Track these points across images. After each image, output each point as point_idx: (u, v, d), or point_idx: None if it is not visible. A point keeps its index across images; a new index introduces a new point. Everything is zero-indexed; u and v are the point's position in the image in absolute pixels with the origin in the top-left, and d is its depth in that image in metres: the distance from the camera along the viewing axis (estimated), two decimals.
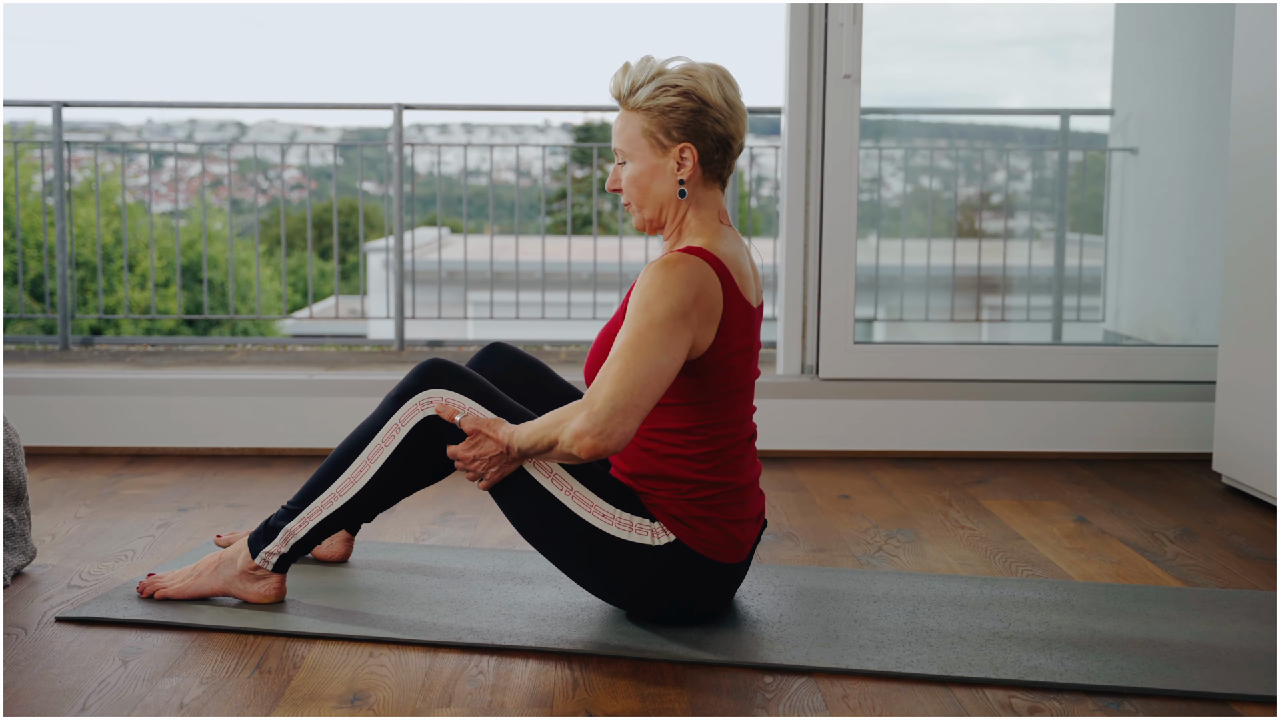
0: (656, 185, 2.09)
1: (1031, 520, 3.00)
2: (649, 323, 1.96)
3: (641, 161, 2.09)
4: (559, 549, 2.12)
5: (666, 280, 1.99)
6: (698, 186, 2.10)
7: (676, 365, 1.98)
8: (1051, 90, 6.92)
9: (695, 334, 2.00)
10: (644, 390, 1.94)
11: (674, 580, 2.10)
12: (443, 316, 5.86)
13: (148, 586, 2.26)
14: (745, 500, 2.14)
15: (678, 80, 2.05)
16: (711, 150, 2.08)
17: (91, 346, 5.06)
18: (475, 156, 15.69)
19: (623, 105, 2.10)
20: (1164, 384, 3.73)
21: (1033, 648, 2.09)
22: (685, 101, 2.05)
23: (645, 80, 2.06)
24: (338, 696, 1.88)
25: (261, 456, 3.64)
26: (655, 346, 1.95)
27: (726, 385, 2.09)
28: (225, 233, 13.37)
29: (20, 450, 2.45)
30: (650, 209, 2.11)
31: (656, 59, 2.09)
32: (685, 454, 2.09)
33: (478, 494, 3.13)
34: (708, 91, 2.05)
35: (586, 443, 1.94)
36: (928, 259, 5.67)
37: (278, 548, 2.19)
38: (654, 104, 2.05)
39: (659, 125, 2.06)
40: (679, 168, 2.08)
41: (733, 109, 2.07)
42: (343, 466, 2.15)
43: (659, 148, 2.08)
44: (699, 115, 2.05)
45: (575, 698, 1.89)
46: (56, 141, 5.10)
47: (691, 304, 1.98)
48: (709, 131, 2.06)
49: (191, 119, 22.41)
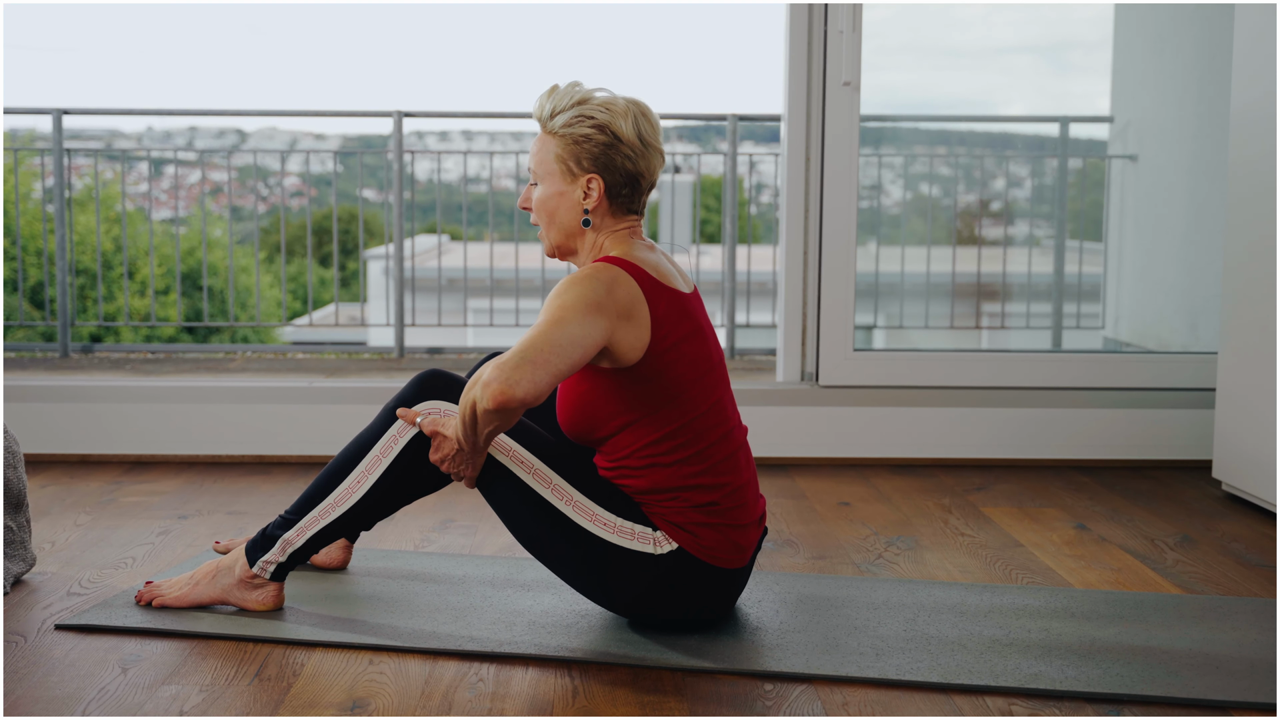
0: (562, 211, 2.12)
1: (1031, 527, 3.00)
2: (561, 304, 1.98)
3: (550, 185, 2.12)
4: (559, 558, 2.12)
5: (574, 279, 2.02)
6: (605, 216, 2.12)
7: (591, 343, 1.97)
8: (1051, 97, 6.93)
9: (613, 331, 2.00)
10: (556, 350, 1.93)
11: (676, 587, 2.10)
12: (443, 324, 5.87)
13: (146, 595, 2.26)
14: (745, 502, 2.14)
15: (595, 112, 2.07)
16: (619, 184, 2.10)
17: (91, 354, 5.05)
18: (475, 164, 15.70)
19: (542, 127, 2.13)
20: (1164, 391, 3.73)
21: (1033, 655, 2.08)
22: (598, 134, 2.07)
23: (566, 107, 2.09)
24: (337, 704, 1.87)
25: (261, 464, 3.64)
26: (569, 322, 1.96)
27: (687, 375, 2.08)
28: (225, 240, 13.37)
29: (20, 457, 2.45)
30: (556, 234, 2.14)
31: (584, 87, 2.11)
32: (670, 461, 2.08)
33: (478, 501, 3.13)
34: (621, 128, 2.08)
35: (493, 389, 1.91)
36: (927, 266, 5.67)
37: (275, 556, 2.19)
38: (569, 132, 2.08)
39: (571, 153, 2.09)
40: (585, 197, 2.10)
41: (645, 146, 2.10)
42: (341, 477, 2.15)
43: (568, 174, 2.10)
44: (610, 149, 2.08)
45: (575, 705, 1.88)
46: (56, 149, 5.10)
47: (604, 296, 1.99)
48: (618, 166, 2.09)
49: (192, 126, 22.41)
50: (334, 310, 12.47)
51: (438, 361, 4.92)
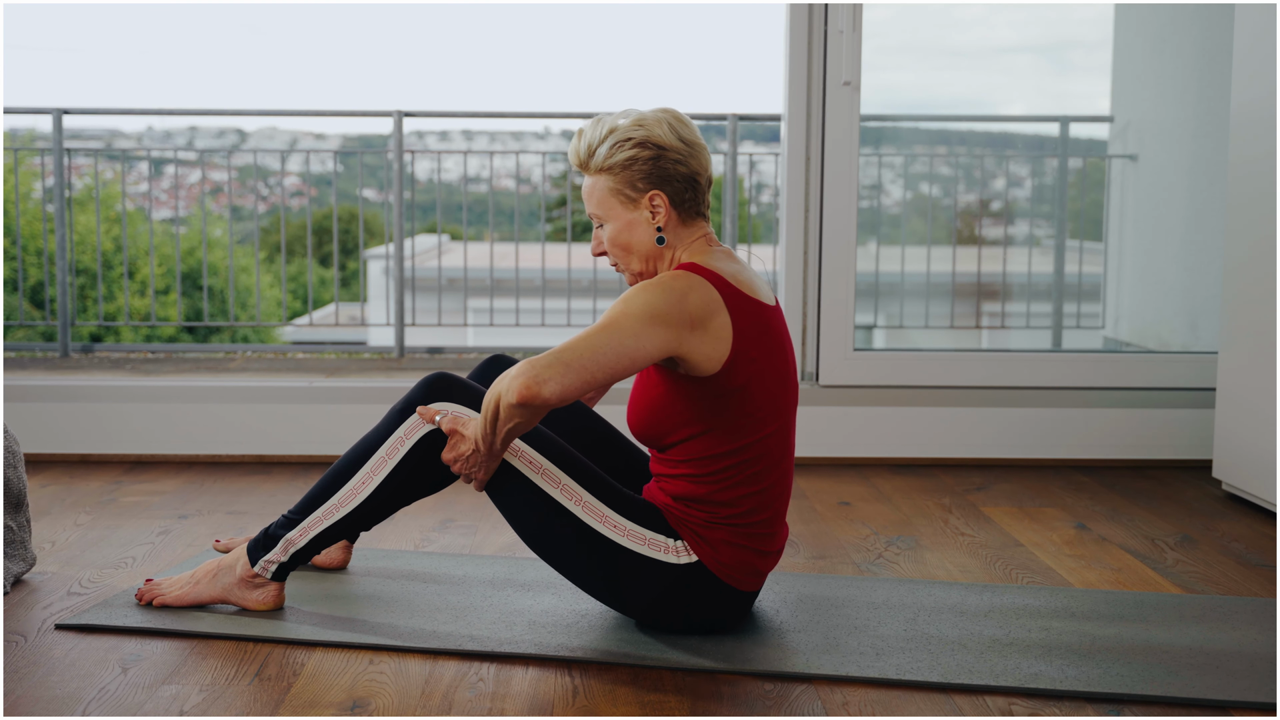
0: (637, 239, 2.09)
1: (1031, 527, 3.00)
2: (624, 312, 1.96)
3: (617, 220, 2.09)
4: (569, 561, 2.10)
5: (650, 285, 2.00)
6: (677, 228, 2.10)
7: (643, 355, 1.95)
8: (1051, 97, 6.93)
9: (680, 343, 1.97)
10: (596, 358, 1.92)
11: (687, 599, 2.09)
12: (443, 323, 5.87)
13: (146, 593, 2.26)
14: (775, 531, 2.14)
15: (630, 133, 2.06)
16: (681, 191, 2.08)
17: (91, 353, 5.06)
18: (475, 163, 15.69)
19: (585, 171, 2.11)
20: (1164, 391, 3.73)
21: (1033, 655, 2.08)
22: (642, 151, 2.05)
23: (599, 140, 2.07)
24: (337, 704, 1.87)
25: (261, 463, 3.64)
26: (624, 330, 1.94)
27: (764, 393, 2.05)
28: (225, 240, 13.37)
29: (20, 457, 2.45)
30: (637, 262, 2.11)
31: (607, 117, 2.10)
32: (730, 478, 2.06)
33: (477, 501, 3.13)
34: (661, 136, 2.06)
35: (519, 383, 1.91)
36: (927, 266, 5.67)
37: (277, 556, 2.18)
38: (613, 161, 2.06)
39: (624, 181, 2.07)
40: (653, 216, 2.08)
41: (690, 146, 2.08)
42: (345, 478, 2.15)
43: (629, 202, 2.08)
44: (658, 161, 2.06)
45: (575, 705, 1.88)
46: (57, 148, 5.10)
47: (671, 306, 1.96)
48: (673, 174, 2.07)
49: (192, 126, 22.40)
50: (334, 310, 12.47)
51: (438, 361, 4.92)
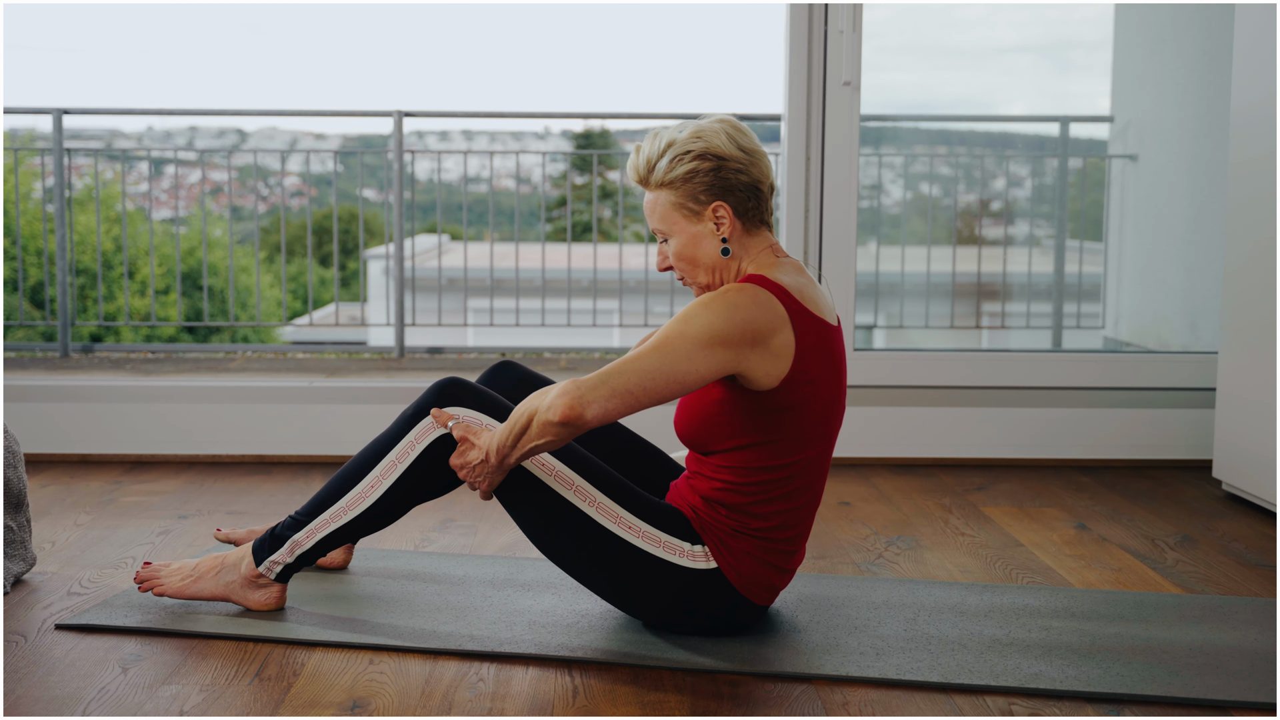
0: (702, 252, 2.07)
1: (1032, 527, 3.00)
2: (681, 333, 1.94)
3: (681, 233, 2.07)
4: (578, 561, 2.10)
5: (713, 301, 1.97)
6: (742, 238, 2.08)
7: (695, 379, 1.94)
8: (1051, 97, 6.93)
9: (739, 362, 1.95)
10: (644, 383, 1.92)
11: (698, 605, 2.08)
12: (443, 324, 5.87)
13: (147, 579, 2.24)
14: (797, 549, 2.13)
15: (689, 145, 2.04)
16: (743, 200, 2.06)
17: (91, 353, 5.06)
18: (475, 163, 15.70)
19: (646, 186, 2.09)
20: (1164, 391, 3.73)
21: (1033, 655, 2.08)
22: (702, 163, 2.03)
23: (658, 154, 2.06)
24: (338, 704, 1.87)
25: (262, 464, 3.64)
26: (678, 353, 1.93)
27: (816, 414, 2.04)
28: (225, 240, 13.37)
29: (20, 457, 2.45)
30: (704, 275, 2.08)
31: (664, 131, 2.08)
32: (769, 492, 2.05)
33: (478, 501, 3.13)
34: (720, 146, 2.03)
35: (562, 403, 1.90)
36: (928, 266, 5.67)
37: (283, 557, 2.18)
38: (674, 175, 2.04)
39: (685, 194, 2.05)
40: (717, 227, 2.06)
41: (751, 155, 2.06)
42: (354, 481, 2.14)
43: (693, 215, 2.06)
44: (719, 172, 2.03)
45: (575, 705, 1.88)
46: (57, 148, 5.11)
47: (732, 326, 1.94)
48: (735, 184, 2.05)
49: (192, 126, 22.41)
50: (334, 310, 12.47)
51: (438, 361, 4.92)
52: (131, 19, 41.99)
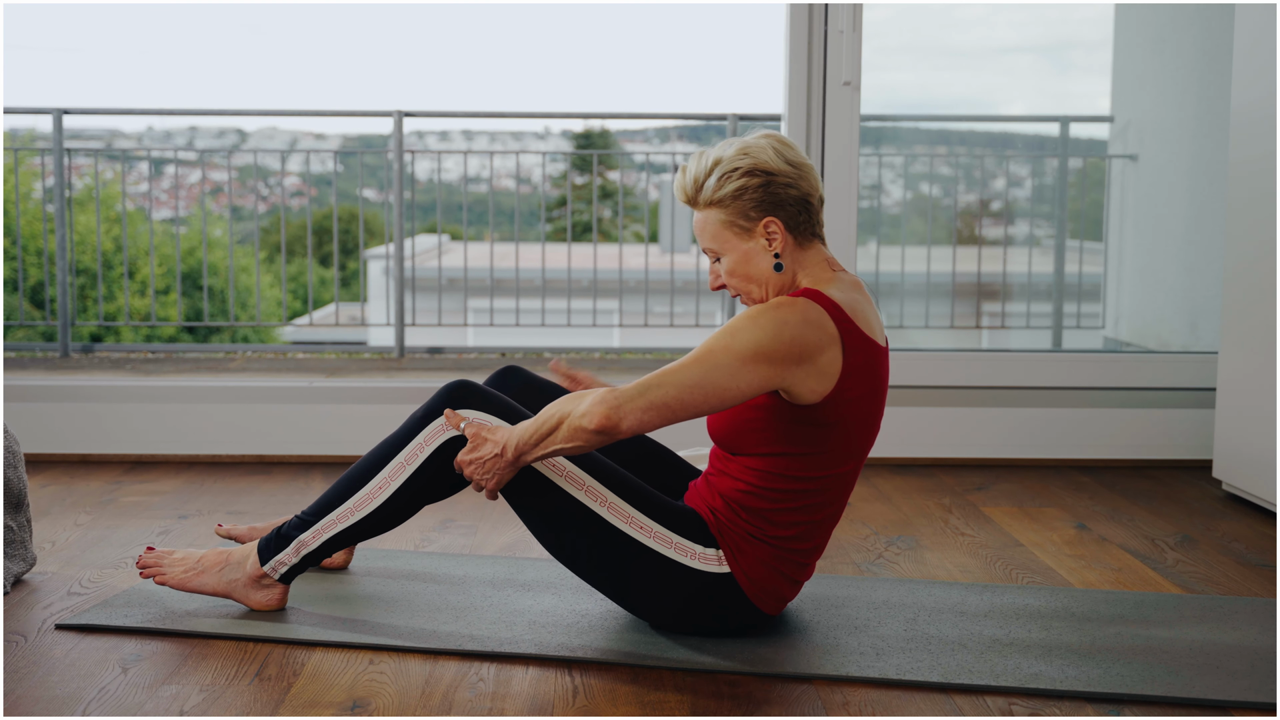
0: (756, 268, 2.05)
1: (1032, 527, 3.00)
2: (725, 347, 1.93)
3: (733, 251, 2.05)
4: (587, 560, 2.09)
5: (762, 314, 1.95)
6: (794, 252, 2.06)
7: (735, 394, 1.93)
8: (1051, 97, 6.93)
9: (782, 378, 1.94)
10: (683, 396, 1.91)
11: (706, 609, 2.08)
12: (443, 323, 5.87)
13: (149, 566, 2.23)
14: (810, 563, 2.13)
15: (736, 162, 2.02)
16: (794, 215, 2.04)
17: (91, 353, 5.06)
18: (475, 163, 15.69)
19: (694, 206, 2.08)
20: (1164, 391, 3.73)
21: (1033, 655, 2.08)
22: (751, 179, 2.02)
23: (705, 173, 2.04)
24: (338, 704, 1.87)
25: (262, 464, 3.64)
26: (720, 368, 1.92)
27: (851, 433, 2.03)
28: (225, 240, 13.37)
29: (20, 457, 2.45)
30: (759, 290, 2.07)
31: (709, 150, 2.07)
32: (791, 502, 2.05)
33: (478, 501, 3.13)
34: (768, 161, 2.02)
35: (599, 410, 1.90)
36: (928, 266, 5.67)
37: (288, 558, 2.17)
38: (723, 193, 2.03)
39: (736, 211, 2.03)
40: (769, 243, 2.04)
41: (798, 168, 2.04)
42: (362, 482, 2.14)
43: (743, 232, 2.04)
44: (768, 187, 2.02)
45: (575, 705, 1.88)
46: (57, 148, 5.11)
47: (779, 342, 1.93)
48: (785, 198, 2.03)
49: (192, 126, 22.42)
50: (334, 310, 12.48)
51: (438, 361, 4.92)
52: (131, 19, 42.00)
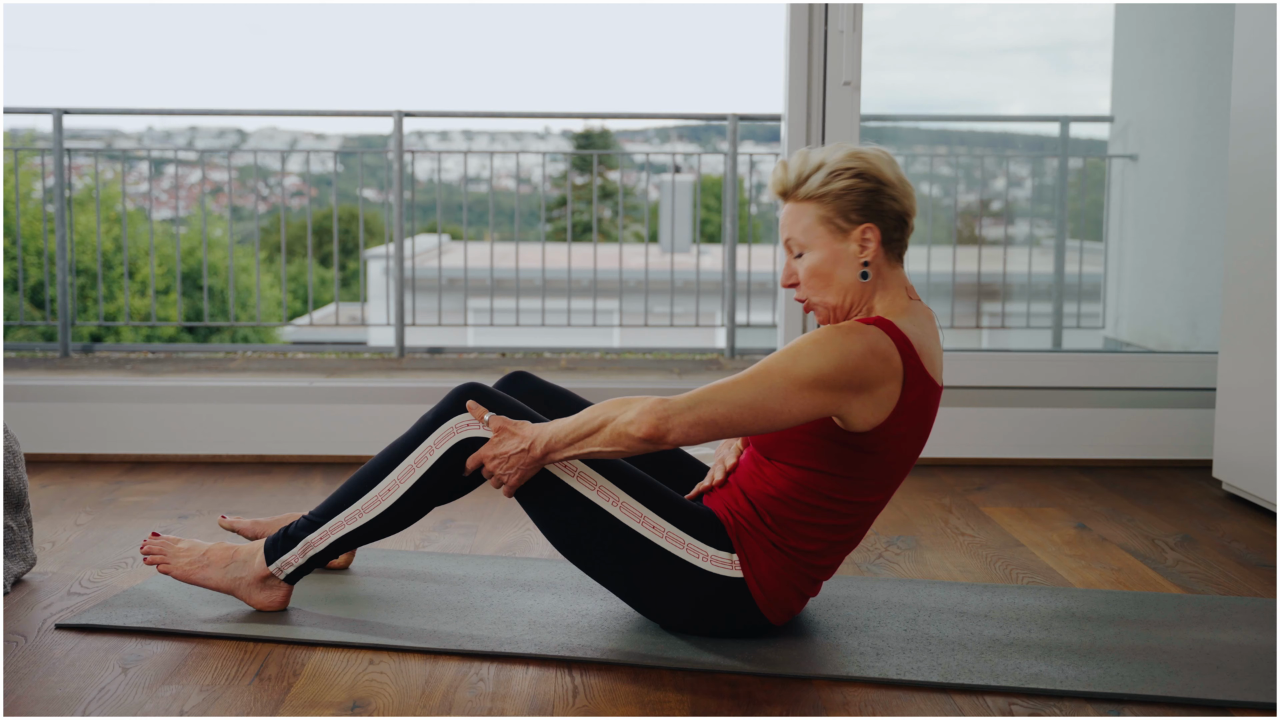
0: (840, 272, 2.02)
1: (1032, 527, 3.00)
2: (784, 370, 1.91)
3: (821, 249, 2.02)
4: (598, 559, 2.09)
5: (829, 340, 1.92)
6: (881, 267, 2.03)
7: (786, 419, 1.91)
8: (1052, 97, 6.93)
9: (838, 406, 1.92)
10: (732, 415, 1.90)
11: (715, 612, 2.08)
12: (443, 324, 5.87)
13: (154, 554, 2.22)
14: (819, 582, 2.14)
15: (849, 164, 2.00)
16: (891, 229, 2.02)
17: (92, 353, 5.06)
18: (475, 163, 15.70)
19: (790, 198, 2.04)
20: (1164, 391, 3.73)
21: (1033, 655, 2.08)
22: (861, 183, 1.99)
23: (810, 170, 2.01)
24: (338, 704, 1.87)
25: (262, 464, 3.64)
26: (776, 390, 1.90)
27: (890, 465, 2.03)
28: (225, 240, 13.38)
29: (20, 457, 2.45)
30: (834, 295, 2.03)
31: (813, 152, 2.04)
32: (817, 519, 2.04)
33: (478, 501, 3.13)
34: (882, 170, 2.00)
35: (648, 420, 1.89)
36: (928, 266, 5.67)
37: (295, 558, 2.17)
38: (828, 189, 2.00)
39: (835, 210, 2.00)
40: (861, 250, 2.01)
41: (906, 186, 2.03)
42: (371, 484, 2.13)
43: (838, 232, 2.01)
44: (876, 194, 2.00)
45: (575, 705, 1.88)
46: (57, 148, 5.11)
47: (842, 373, 1.90)
48: (888, 210, 2.01)
49: (192, 126, 22.42)
50: (334, 310, 12.48)
51: (438, 361, 4.92)
52: (131, 19, 42.00)
